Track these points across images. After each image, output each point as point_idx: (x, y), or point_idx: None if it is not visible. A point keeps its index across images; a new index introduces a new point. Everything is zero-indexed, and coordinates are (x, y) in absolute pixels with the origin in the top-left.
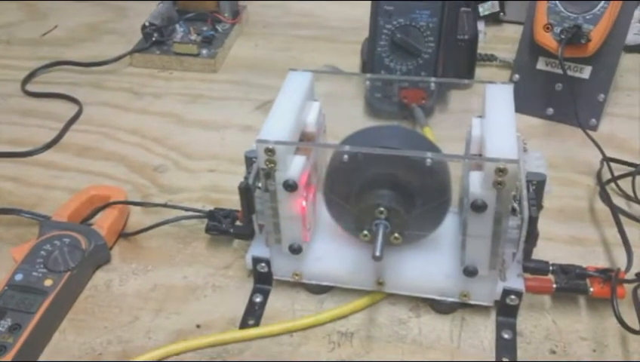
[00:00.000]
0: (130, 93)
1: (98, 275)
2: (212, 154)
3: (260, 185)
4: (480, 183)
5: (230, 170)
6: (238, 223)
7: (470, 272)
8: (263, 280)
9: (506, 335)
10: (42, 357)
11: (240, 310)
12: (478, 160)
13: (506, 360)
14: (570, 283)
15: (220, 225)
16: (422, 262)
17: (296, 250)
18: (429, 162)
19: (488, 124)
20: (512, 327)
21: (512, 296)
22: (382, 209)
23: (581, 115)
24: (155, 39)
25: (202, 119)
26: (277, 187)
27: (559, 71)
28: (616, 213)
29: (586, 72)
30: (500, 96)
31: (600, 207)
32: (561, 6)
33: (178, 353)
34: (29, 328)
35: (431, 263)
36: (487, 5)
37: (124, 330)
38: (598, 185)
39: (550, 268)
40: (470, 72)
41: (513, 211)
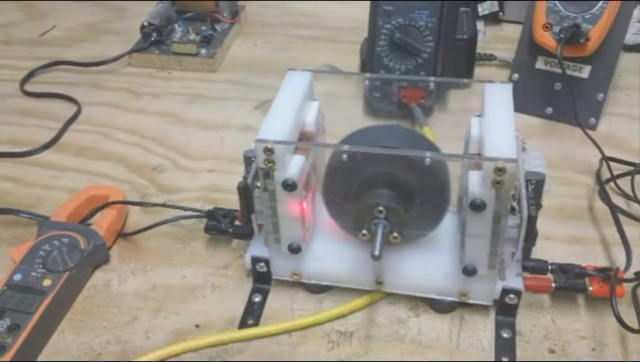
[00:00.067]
0: (128, 93)
1: (97, 275)
2: (211, 154)
3: (259, 184)
4: (479, 182)
5: (229, 170)
6: (237, 223)
7: (469, 271)
8: (262, 279)
9: (505, 335)
10: (41, 357)
11: (239, 310)
12: (477, 159)
13: (505, 360)
14: (569, 283)
15: (219, 225)
16: (421, 261)
17: (295, 249)
18: (428, 161)
19: (487, 123)
20: (511, 326)
21: (511, 295)
22: (381, 208)
23: (580, 114)
24: (153, 39)
25: (201, 119)
26: (276, 187)
27: (558, 70)
28: (616, 213)
29: (585, 72)
30: (499, 95)
31: (599, 206)
32: (560, 5)
33: (177, 354)
34: (28, 328)
35: (430, 263)
36: (486, 5)
37: (123, 330)
38: (597, 184)
39: (549, 268)
40: (469, 71)
41: (512, 210)
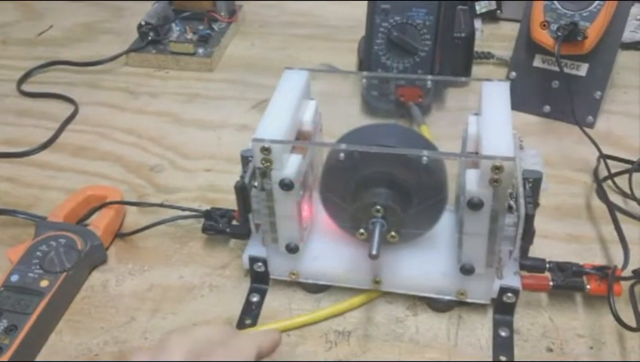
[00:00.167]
0: (126, 92)
1: (94, 276)
2: (208, 153)
3: (257, 184)
4: (476, 181)
5: (226, 170)
6: (235, 223)
7: (467, 270)
8: (259, 279)
9: (503, 333)
10: (39, 357)
11: (237, 309)
12: (475, 158)
13: (503, 358)
14: (566, 281)
15: (217, 225)
16: (419, 260)
17: (292, 249)
18: (425, 160)
19: (484, 121)
20: (509, 325)
21: (509, 294)
22: (378, 207)
23: (578, 112)
24: (151, 38)
25: (198, 118)
26: (273, 186)
27: (556, 68)
28: (613, 211)
29: (582, 70)
30: (497, 93)
31: (597, 204)
32: (557, 3)
33: None
34: (26, 329)
35: (428, 261)
36: (483, 3)
37: (121, 331)
38: (594, 182)
39: (547, 266)
40: (467, 69)
41: (510, 209)
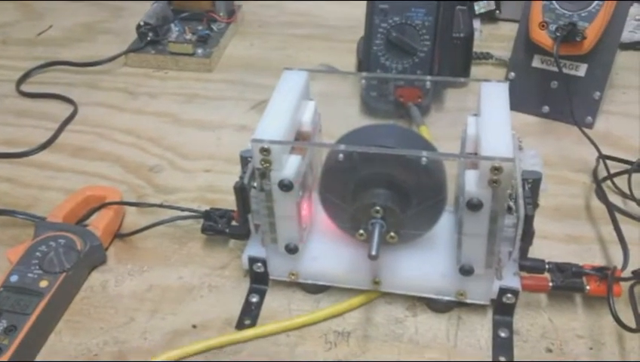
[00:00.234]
0: (125, 93)
1: (94, 276)
2: (208, 154)
3: (256, 184)
4: (475, 182)
5: (226, 170)
6: (234, 223)
7: (466, 271)
8: (259, 280)
9: (502, 334)
10: (38, 358)
11: (236, 310)
12: (474, 158)
13: (502, 359)
14: (566, 282)
15: (216, 225)
16: (418, 261)
17: (292, 249)
18: (424, 161)
19: (483, 122)
20: (509, 326)
21: (509, 295)
22: (378, 208)
23: (577, 112)
24: (150, 39)
25: (198, 119)
26: (272, 187)
27: (555, 69)
28: (612, 211)
29: (581, 70)
30: (496, 94)
31: (596, 204)
32: (556, 4)
33: (175, 359)
34: (25, 329)
35: (427, 262)
36: (482, 3)
37: (120, 331)
38: (594, 182)
39: (546, 267)
40: (466, 70)
41: (509, 209)
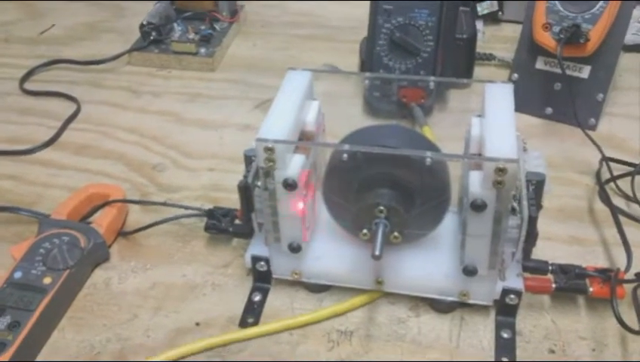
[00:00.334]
0: (128, 91)
1: (97, 273)
2: (211, 153)
3: (260, 183)
4: (480, 183)
5: (229, 169)
6: (238, 222)
7: (470, 272)
8: (262, 278)
9: (505, 335)
10: (41, 354)
11: (239, 308)
12: (478, 159)
13: (505, 360)
14: (569, 283)
15: (219, 224)
16: (421, 261)
17: (295, 248)
18: (428, 161)
19: (488, 123)
20: (512, 327)
21: (512, 296)
22: (381, 208)
23: (580, 114)
24: (153, 38)
25: (201, 118)
26: (276, 186)
27: (558, 70)
28: (616, 213)
29: (584, 72)
30: (500, 95)
31: (599, 206)
32: (560, 5)
33: (177, 358)
34: (28, 326)
35: (430, 262)
36: (485, 4)
37: (123, 328)
38: (597, 184)
39: (549, 268)
40: (469, 71)
41: (513, 211)
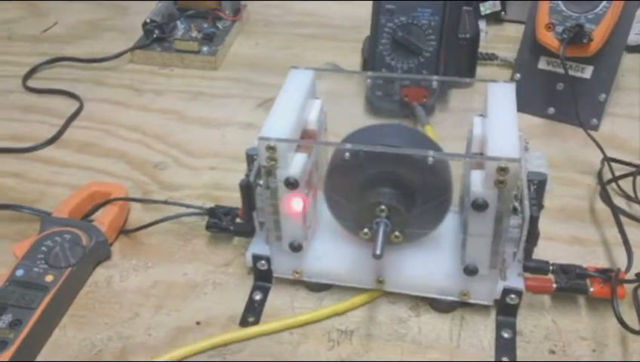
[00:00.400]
0: (130, 89)
1: (98, 271)
2: (213, 151)
3: (261, 182)
4: (481, 182)
5: (231, 168)
6: (239, 220)
7: (470, 271)
8: (262, 277)
9: (505, 335)
10: (42, 352)
11: (240, 307)
12: (480, 159)
13: (505, 360)
14: (570, 283)
15: (221, 223)
16: (422, 260)
17: (296, 247)
18: (430, 161)
19: (490, 122)
20: (512, 327)
21: (512, 296)
22: (383, 207)
23: (582, 114)
24: (155, 36)
25: (203, 116)
26: (278, 184)
27: (561, 70)
28: (617, 213)
29: (587, 72)
30: (503, 95)
31: (600, 207)
32: (563, 5)
33: (179, 359)
34: (30, 324)
35: (431, 262)
36: (488, 4)
37: (125, 326)
38: (598, 184)
39: (550, 268)
40: (471, 70)
41: (514, 210)
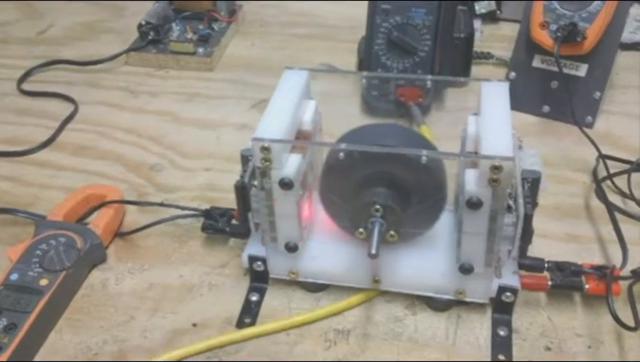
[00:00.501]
0: (126, 91)
1: (94, 274)
2: (208, 152)
3: (256, 183)
4: (475, 181)
5: (226, 169)
6: (234, 222)
7: (466, 270)
8: (259, 278)
9: (501, 333)
10: (38, 356)
11: (236, 309)
12: (474, 157)
13: (501, 357)
14: (565, 281)
15: (216, 224)
16: (418, 259)
17: (292, 248)
18: (424, 160)
19: (484, 121)
20: (508, 324)
21: (508, 293)
22: (378, 206)
23: (577, 112)
24: (151, 38)
25: (198, 118)
26: (273, 185)
27: (555, 69)
28: (612, 211)
29: (581, 70)
30: (496, 93)
31: (595, 204)
32: (557, 4)
33: (175, 359)
34: (25, 328)
35: (427, 261)
36: (483, 3)
37: (120, 330)
38: (593, 182)
39: (545, 266)
40: (466, 70)
41: (508, 208)
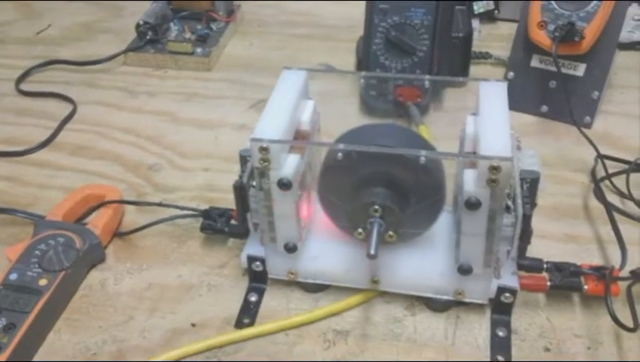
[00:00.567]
0: (124, 92)
1: (93, 274)
2: (206, 153)
3: (255, 183)
4: (474, 181)
5: (225, 169)
6: (233, 222)
7: (465, 270)
8: (258, 279)
9: (500, 333)
10: (37, 356)
11: (235, 309)
12: (472, 158)
13: (500, 358)
14: (564, 281)
15: (215, 224)
16: (416, 260)
17: (291, 248)
18: (423, 160)
19: (482, 121)
20: (507, 325)
21: (507, 294)
22: (376, 207)
23: (575, 112)
24: (149, 38)
25: (197, 118)
26: (271, 185)
27: (553, 68)
28: (611, 211)
29: (580, 70)
30: (494, 93)
31: (594, 204)
32: (555, 4)
33: (174, 359)
34: (24, 327)
35: (426, 261)
36: (481, 3)
37: (119, 330)
38: (592, 182)
39: (544, 266)
40: (465, 69)
41: (507, 209)
